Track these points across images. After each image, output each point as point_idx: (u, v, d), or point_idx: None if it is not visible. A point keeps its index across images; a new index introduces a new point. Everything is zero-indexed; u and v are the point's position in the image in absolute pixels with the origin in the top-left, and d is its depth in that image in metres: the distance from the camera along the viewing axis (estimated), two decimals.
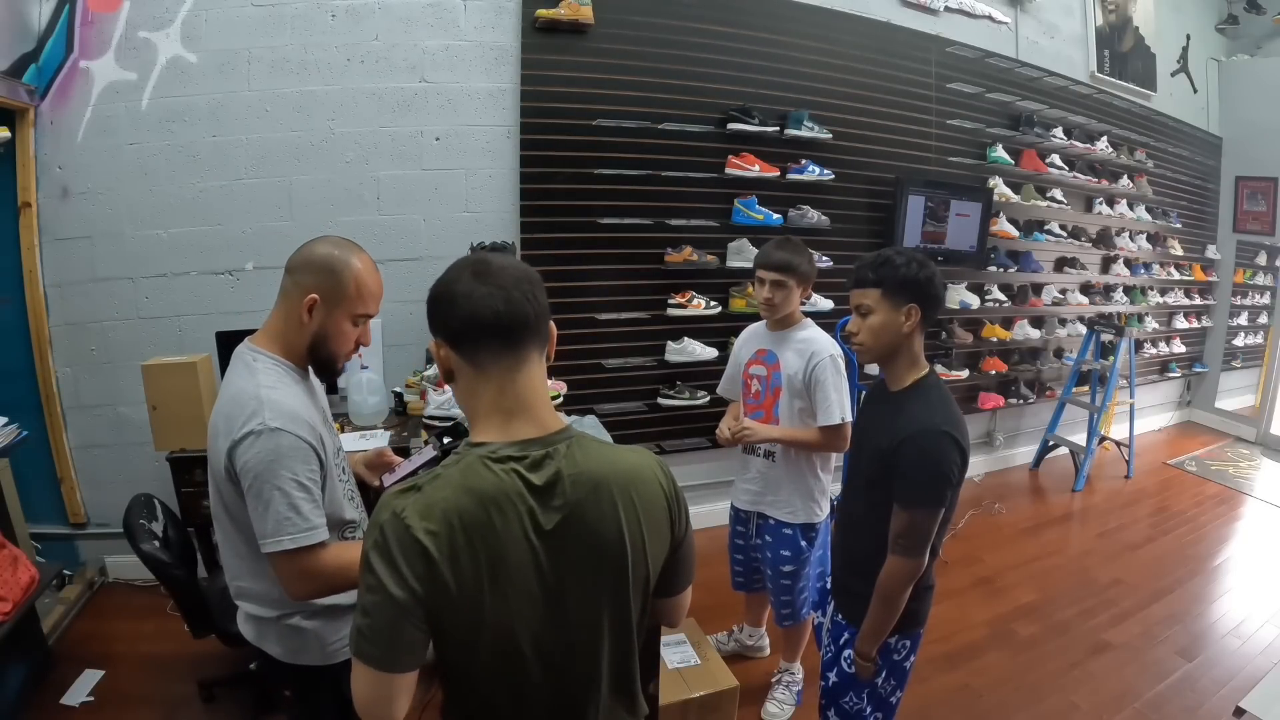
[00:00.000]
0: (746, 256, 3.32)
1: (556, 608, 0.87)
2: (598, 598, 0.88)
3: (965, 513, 3.95)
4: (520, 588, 0.84)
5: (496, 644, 0.86)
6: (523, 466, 0.85)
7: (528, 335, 0.88)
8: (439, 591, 0.81)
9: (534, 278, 0.91)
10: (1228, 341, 6.08)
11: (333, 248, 1.25)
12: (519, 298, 0.87)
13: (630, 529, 0.88)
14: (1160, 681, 2.56)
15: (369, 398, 2.76)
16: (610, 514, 0.87)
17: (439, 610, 0.82)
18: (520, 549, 0.84)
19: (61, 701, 2.25)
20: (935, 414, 1.43)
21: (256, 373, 1.19)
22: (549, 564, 0.85)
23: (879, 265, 1.49)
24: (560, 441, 0.88)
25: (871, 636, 1.53)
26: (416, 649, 0.84)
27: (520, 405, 0.89)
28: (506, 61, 3.02)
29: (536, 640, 0.87)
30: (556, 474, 0.85)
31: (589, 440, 0.91)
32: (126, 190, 2.73)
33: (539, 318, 0.89)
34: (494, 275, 0.87)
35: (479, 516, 0.82)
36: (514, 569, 0.84)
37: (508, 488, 0.84)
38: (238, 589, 1.31)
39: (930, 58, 3.88)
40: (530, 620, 0.86)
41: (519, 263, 0.92)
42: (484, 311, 0.86)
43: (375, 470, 1.57)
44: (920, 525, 1.42)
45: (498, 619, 0.85)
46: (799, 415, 2.10)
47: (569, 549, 0.86)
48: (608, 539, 0.87)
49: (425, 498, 0.82)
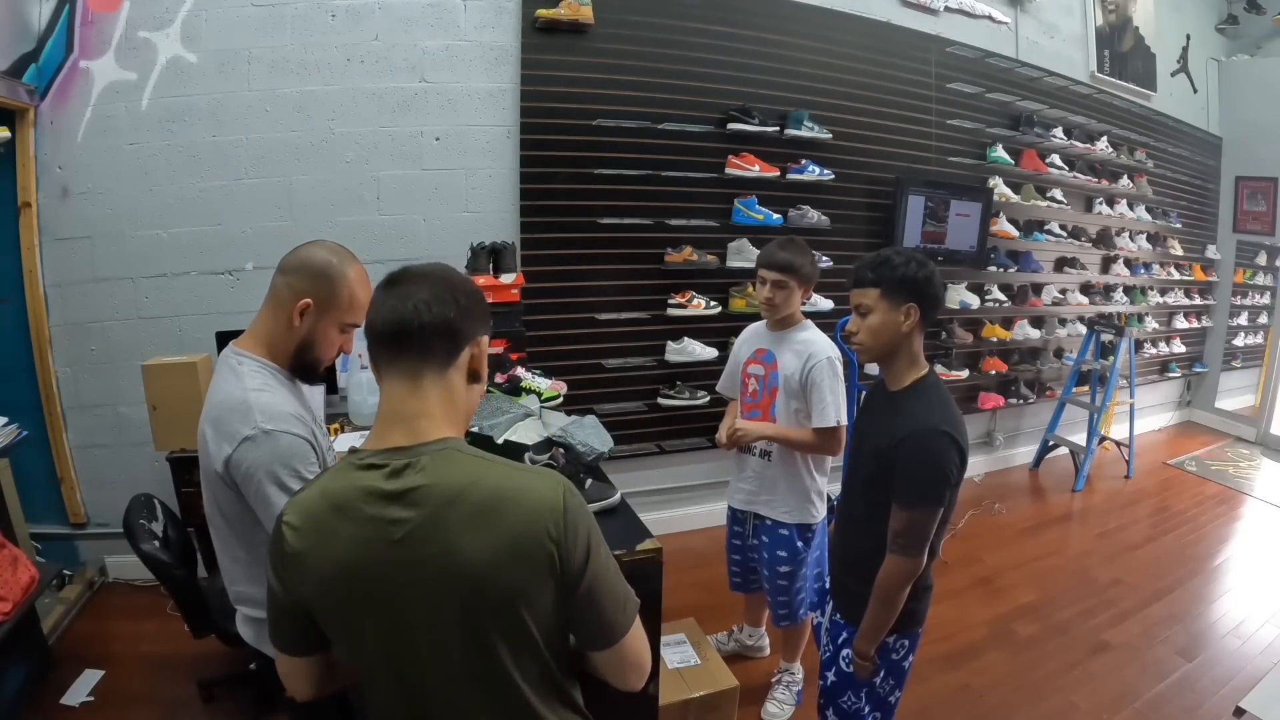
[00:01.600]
0: (746, 256, 3.32)
1: (401, 622, 0.83)
2: (443, 622, 0.82)
3: (965, 513, 3.95)
4: (365, 595, 0.83)
5: (353, 649, 0.88)
6: (381, 474, 0.83)
7: (410, 345, 0.86)
8: (300, 586, 0.85)
9: (447, 286, 0.88)
10: (1228, 341, 6.08)
11: (330, 255, 1.25)
12: (409, 307, 0.85)
13: (481, 557, 0.80)
14: (1160, 681, 2.56)
15: (369, 398, 2.75)
16: (461, 535, 0.80)
17: (307, 605, 0.86)
18: (361, 555, 0.82)
19: (61, 701, 2.25)
20: (934, 414, 1.43)
21: (243, 376, 1.19)
22: (394, 575, 0.81)
23: (878, 265, 1.49)
24: (430, 451, 0.84)
25: (870, 636, 1.53)
26: (302, 636, 0.90)
27: (399, 414, 0.87)
28: (506, 61, 3.02)
29: (386, 652, 0.85)
30: (410, 484, 0.82)
31: (465, 456, 0.85)
32: (126, 190, 2.73)
33: (430, 329, 0.85)
34: (401, 283, 0.87)
35: (325, 519, 0.84)
36: (356, 575, 0.82)
37: (355, 493, 0.82)
38: (236, 593, 1.31)
39: (930, 58, 3.88)
40: (377, 630, 0.84)
41: (443, 274, 0.90)
42: (374, 319, 0.87)
43: None
44: (919, 525, 1.42)
45: (348, 625, 0.86)
46: (795, 416, 2.10)
47: (416, 563, 0.81)
48: (453, 562, 0.80)
49: (300, 494, 0.89)
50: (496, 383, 2.54)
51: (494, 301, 2.81)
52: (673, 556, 1.71)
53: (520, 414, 1.98)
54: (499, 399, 2.16)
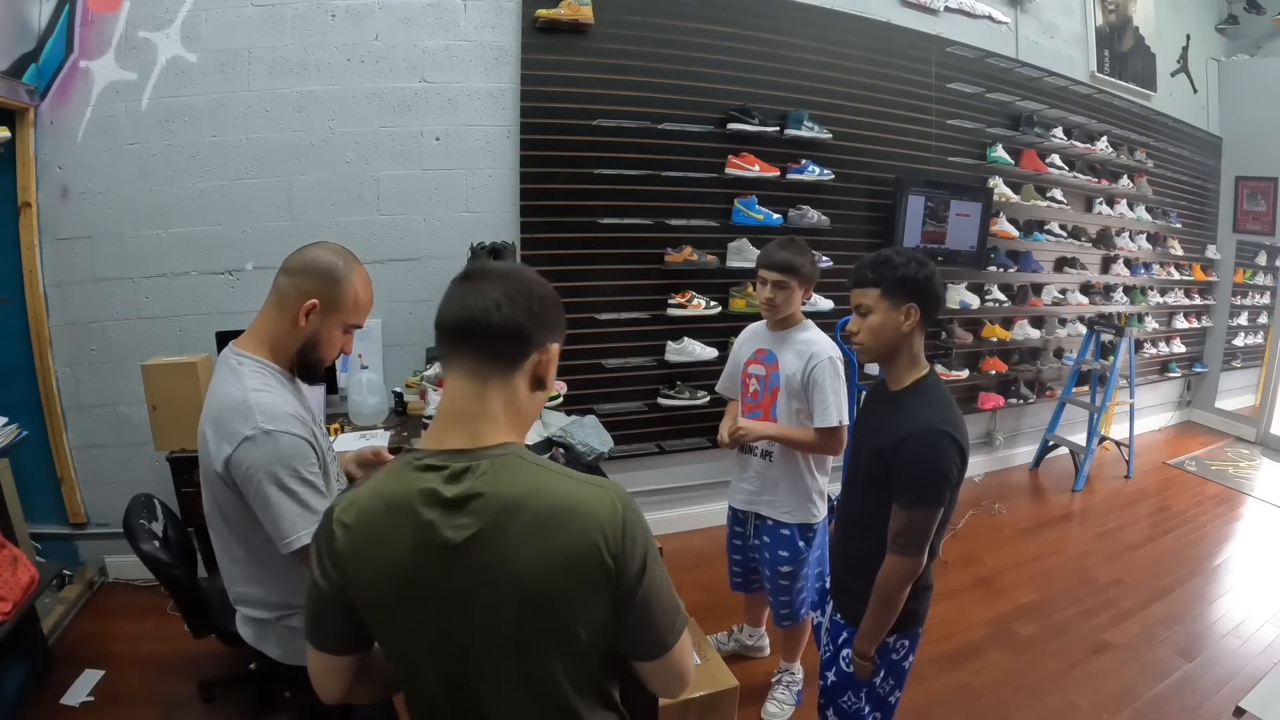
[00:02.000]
0: (746, 256, 3.32)
1: (453, 625, 0.83)
2: (494, 630, 0.82)
3: (965, 513, 3.95)
4: (418, 597, 0.82)
5: (400, 651, 0.87)
6: (439, 476, 0.81)
7: (477, 344, 0.84)
8: (349, 586, 0.84)
9: (523, 287, 0.86)
10: (1228, 341, 6.08)
11: (335, 257, 1.27)
12: (480, 305, 0.83)
13: (536, 568, 0.79)
14: (1160, 681, 2.56)
15: (369, 398, 2.76)
16: (518, 546, 0.79)
17: (356, 604, 0.85)
18: (416, 559, 0.81)
19: (61, 701, 2.25)
20: (935, 414, 1.43)
21: (243, 377, 1.19)
22: (448, 580, 0.81)
23: (878, 265, 1.49)
24: (490, 457, 0.82)
25: (870, 636, 1.53)
26: (343, 636, 0.89)
27: (460, 415, 0.85)
28: (506, 61, 3.02)
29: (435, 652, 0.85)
30: (471, 490, 0.80)
31: (524, 463, 0.83)
32: (126, 190, 2.73)
33: (500, 329, 0.83)
34: (476, 279, 0.86)
35: (380, 519, 0.82)
36: (410, 577, 0.82)
37: (411, 496, 0.81)
38: (236, 594, 1.31)
39: (930, 58, 3.88)
40: (426, 630, 0.84)
41: (520, 275, 0.88)
42: (444, 312, 0.86)
43: (367, 468, 1.57)
44: (919, 525, 1.42)
45: (397, 626, 0.85)
46: (796, 416, 2.10)
47: (470, 571, 0.80)
48: (511, 574, 0.80)
49: (353, 493, 0.87)
50: None
51: None
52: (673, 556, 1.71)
53: None
54: None
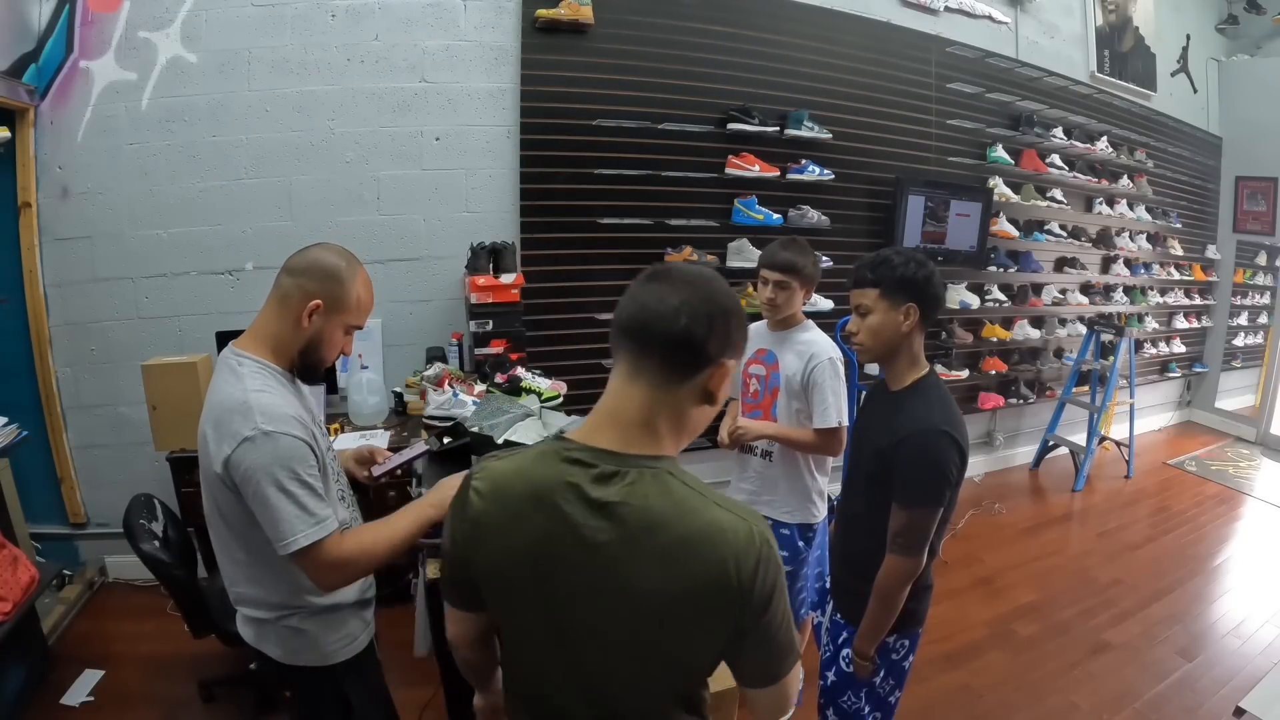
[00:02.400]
0: (746, 256, 3.32)
1: (573, 627, 0.83)
2: (618, 640, 0.82)
3: (965, 513, 3.95)
4: (540, 582, 0.83)
5: (512, 631, 0.90)
6: (588, 474, 0.81)
7: (649, 348, 0.81)
8: (472, 556, 0.87)
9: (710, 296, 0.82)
10: (1228, 341, 6.08)
11: (338, 258, 1.28)
12: (660, 310, 0.80)
13: (666, 591, 0.78)
14: (1160, 681, 2.56)
15: (369, 398, 2.76)
16: (650, 565, 0.78)
17: (476, 568, 0.88)
18: (548, 549, 0.82)
19: (61, 701, 2.25)
20: (935, 413, 1.42)
21: (243, 377, 1.19)
22: (575, 576, 0.81)
23: (877, 265, 1.49)
24: (638, 467, 0.81)
25: (870, 635, 1.53)
26: (469, 594, 0.92)
27: (616, 415, 0.83)
28: (506, 61, 3.02)
29: (545, 647, 0.86)
30: (614, 496, 0.79)
31: (674, 481, 0.81)
32: (126, 190, 2.73)
33: (675, 339, 0.80)
34: (661, 281, 0.83)
35: (519, 501, 0.83)
36: (537, 563, 0.83)
37: (558, 489, 0.81)
38: (236, 594, 1.31)
39: (930, 58, 3.88)
40: (544, 625, 0.85)
41: (707, 285, 0.84)
42: (624, 310, 0.84)
43: (363, 463, 1.57)
44: (919, 524, 1.42)
45: (515, 607, 0.87)
46: (796, 416, 2.10)
47: (601, 574, 0.80)
48: (637, 589, 0.79)
49: (496, 464, 0.88)
50: (497, 383, 2.54)
51: (494, 301, 2.81)
52: None
53: (520, 414, 1.97)
54: (499, 399, 2.16)
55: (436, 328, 3.10)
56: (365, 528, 1.28)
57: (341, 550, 1.18)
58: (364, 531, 1.26)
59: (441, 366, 2.75)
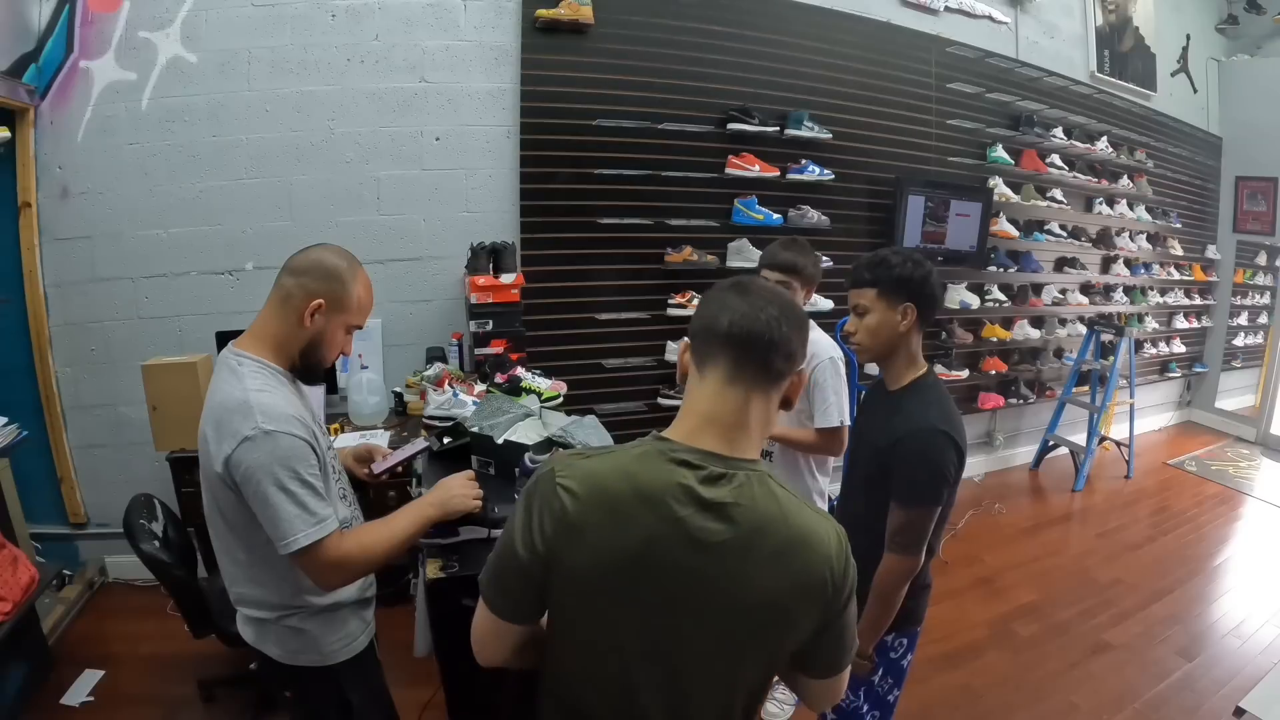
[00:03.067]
0: (746, 256, 3.32)
1: (669, 630, 0.83)
2: (712, 633, 0.84)
3: (965, 513, 3.94)
4: (640, 589, 0.82)
5: (594, 635, 0.87)
6: (696, 475, 0.82)
7: (754, 356, 0.85)
8: (560, 560, 0.83)
9: (791, 311, 0.88)
10: (1228, 341, 6.08)
11: (339, 258, 1.29)
12: (764, 319, 0.85)
13: (777, 588, 0.82)
14: (1160, 681, 2.56)
15: (369, 398, 2.76)
16: (761, 565, 0.82)
17: (555, 579, 0.84)
18: (658, 551, 0.81)
19: (61, 701, 2.25)
20: (932, 413, 1.43)
21: (243, 377, 1.19)
22: (679, 580, 0.82)
23: (875, 265, 1.49)
24: (746, 469, 0.84)
25: (868, 634, 1.53)
26: (526, 607, 0.89)
27: (719, 418, 0.86)
28: (506, 61, 3.02)
29: (633, 648, 0.85)
30: (727, 497, 0.81)
31: (774, 485, 0.86)
32: (126, 190, 2.73)
33: (775, 346, 0.85)
34: (753, 294, 0.88)
35: (626, 504, 0.81)
36: (645, 567, 0.81)
37: (670, 490, 0.81)
38: (236, 595, 1.31)
39: (930, 58, 3.88)
40: (637, 629, 0.84)
41: (787, 298, 0.90)
42: (725, 318, 0.86)
43: (363, 461, 1.58)
44: (917, 523, 1.43)
45: (605, 612, 0.84)
46: (797, 416, 2.10)
47: (710, 576, 0.81)
48: (748, 589, 0.82)
49: (587, 463, 0.85)
50: (497, 383, 2.54)
51: (494, 301, 2.81)
52: None
53: (520, 414, 1.97)
54: (499, 399, 2.16)
55: (436, 328, 3.10)
56: (365, 527, 1.28)
57: (341, 550, 1.18)
58: (364, 531, 1.26)
59: (441, 366, 2.75)
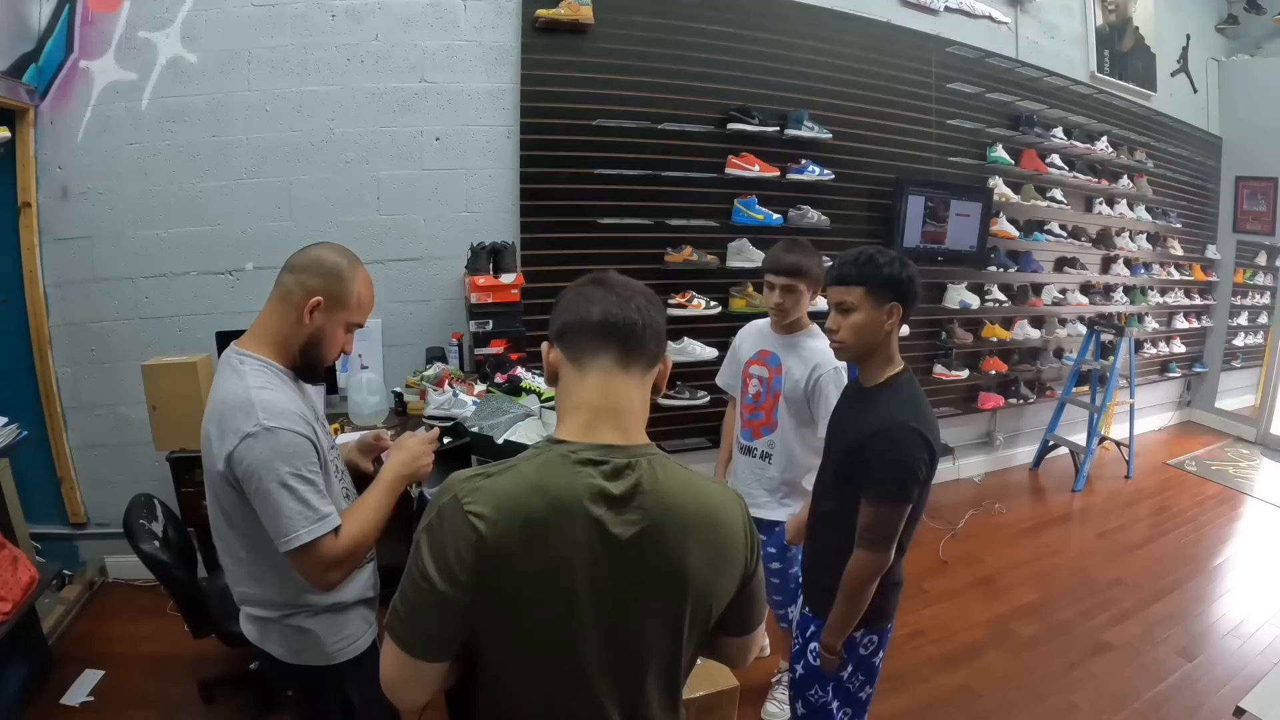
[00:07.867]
0: (746, 256, 3.32)
1: (610, 626, 0.83)
2: (654, 622, 0.85)
3: (965, 513, 3.95)
4: (575, 598, 0.81)
5: (537, 652, 0.84)
6: (600, 472, 0.81)
7: (632, 342, 0.88)
8: (485, 588, 0.79)
9: (652, 297, 0.93)
10: (1228, 341, 6.08)
11: (339, 256, 1.28)
12: (631, 307, 0.88)
13: (699, 562, 0.84)
14: (1160, 681, 2.56)
15: (369, 398, 2.75)
16: (681, 542, 0.83)
17: (483, 608, 0.81)
18: (582, 558, 0.80)
19: (61, 701, 2.25)
20: (905, 410, 1.44)
21: (245, 375, 1.19)
22: (611, 578, 0.82)
23: (863, 263, 1.49)
24: (643, 455, 0.84)
25: (836, 629, 1.54)
26: (449, 643, 0.83)
27: (608, 408, 0.86)
28: (506, 61, 3.02)
29: (581, 655, 0.83)
30: (635, 486, 0.82)
31: (671, 462, 0.87)
32: (126, 190, 2.73)
33: (648, 330, 0.89)
34: (612, 286, 0.91)
35: (544, 518, 0.79)
36: (571, 577, 0.80)
37: (580, 492, 0.80)
38: (239, 594, 1.31)
39: (930, 58, 3.88)
40: (578, 633, 0.83)
41: (644, 288, 0.94)
42: (589, 311, 0.88)
43: (368, 454, 1.56)
44: (886, 520, 1.43)
45: (544, 625, 0.82)
46: (795, 421, 2.11)
47: (634, 567, 0.82)
48: (675, 566, 0.83)
49: (492, 486, 0.81)
50: (497, 383, 2.54)
51: (494, 301, 2.81)
52: None
53: (520, 414, 1.98)
54: (499, 399, 2.16)
55: (436, 328, 3.10)
56: (347, 520, 1.23)
57: (341, 547, 1.18)
58: (349, 523, 1.22)
59: (441, 366, 2.75)
